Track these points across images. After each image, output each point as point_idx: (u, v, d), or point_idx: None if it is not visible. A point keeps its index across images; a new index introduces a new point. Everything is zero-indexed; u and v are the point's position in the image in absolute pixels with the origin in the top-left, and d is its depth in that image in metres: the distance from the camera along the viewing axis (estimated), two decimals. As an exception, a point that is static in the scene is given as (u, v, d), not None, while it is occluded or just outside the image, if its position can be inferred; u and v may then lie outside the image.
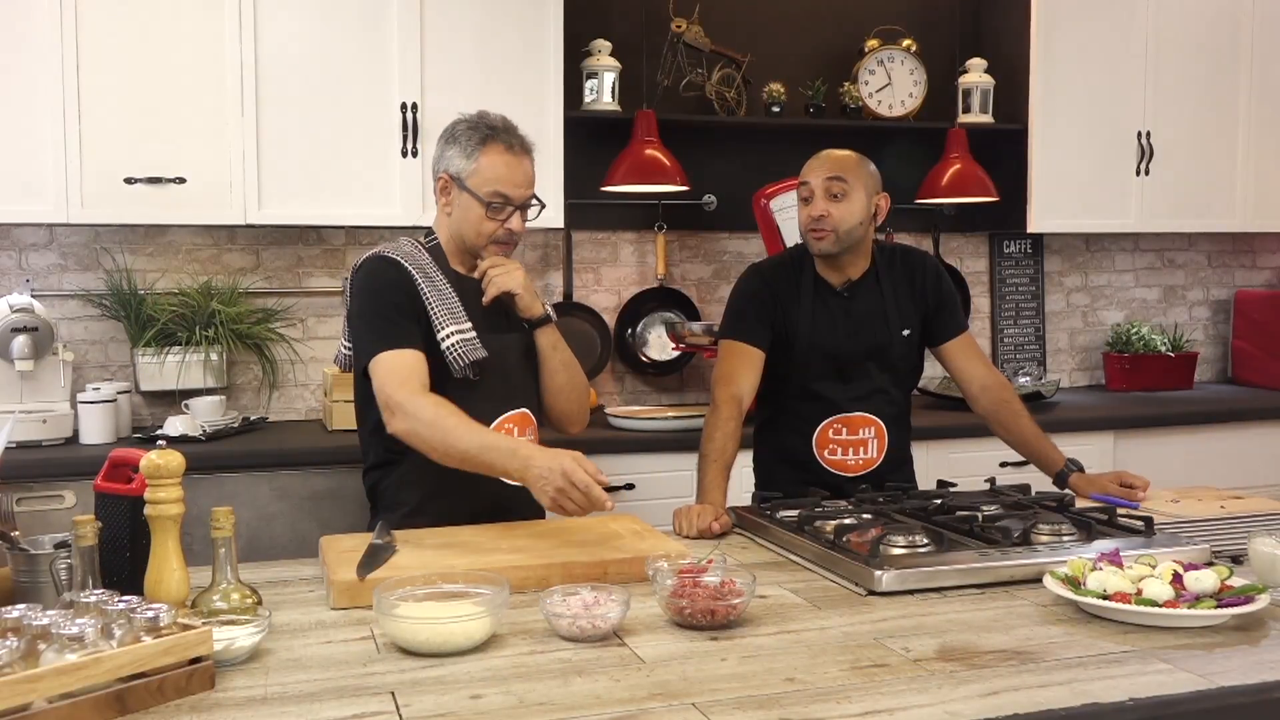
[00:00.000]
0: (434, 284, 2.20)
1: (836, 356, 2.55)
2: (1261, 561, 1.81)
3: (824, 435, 2.56)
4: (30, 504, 2.87)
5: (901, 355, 2.59)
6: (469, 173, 2.22)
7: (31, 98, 3.09)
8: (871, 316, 2.57)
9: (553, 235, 3.89)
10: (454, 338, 2.16)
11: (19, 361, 3.09)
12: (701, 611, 1.62)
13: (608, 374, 3.97)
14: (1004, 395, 2.61)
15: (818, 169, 2.51)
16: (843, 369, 2.56)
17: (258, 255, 3.65)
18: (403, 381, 2.08)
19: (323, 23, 3.30)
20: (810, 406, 2.57)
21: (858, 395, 2.56)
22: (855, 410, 2.55)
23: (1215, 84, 4.17)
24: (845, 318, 2.56)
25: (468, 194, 2.22)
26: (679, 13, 3.87)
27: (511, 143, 2.23)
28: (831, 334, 2.55)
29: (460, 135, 2.24)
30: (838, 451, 2.56)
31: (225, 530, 1.64)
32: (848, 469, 2.56)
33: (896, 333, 2.57)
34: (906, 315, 2.58)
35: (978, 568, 1.84)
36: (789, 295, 2.57)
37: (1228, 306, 4.71)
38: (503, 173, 2.20)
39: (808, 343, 2.55)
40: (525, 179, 2.24)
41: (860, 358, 2.56)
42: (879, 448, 2.57)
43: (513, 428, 2.26)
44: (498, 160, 2.21)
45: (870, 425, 2.56)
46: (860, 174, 2.50)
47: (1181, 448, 3.81)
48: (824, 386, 2.56)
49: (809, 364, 2.55)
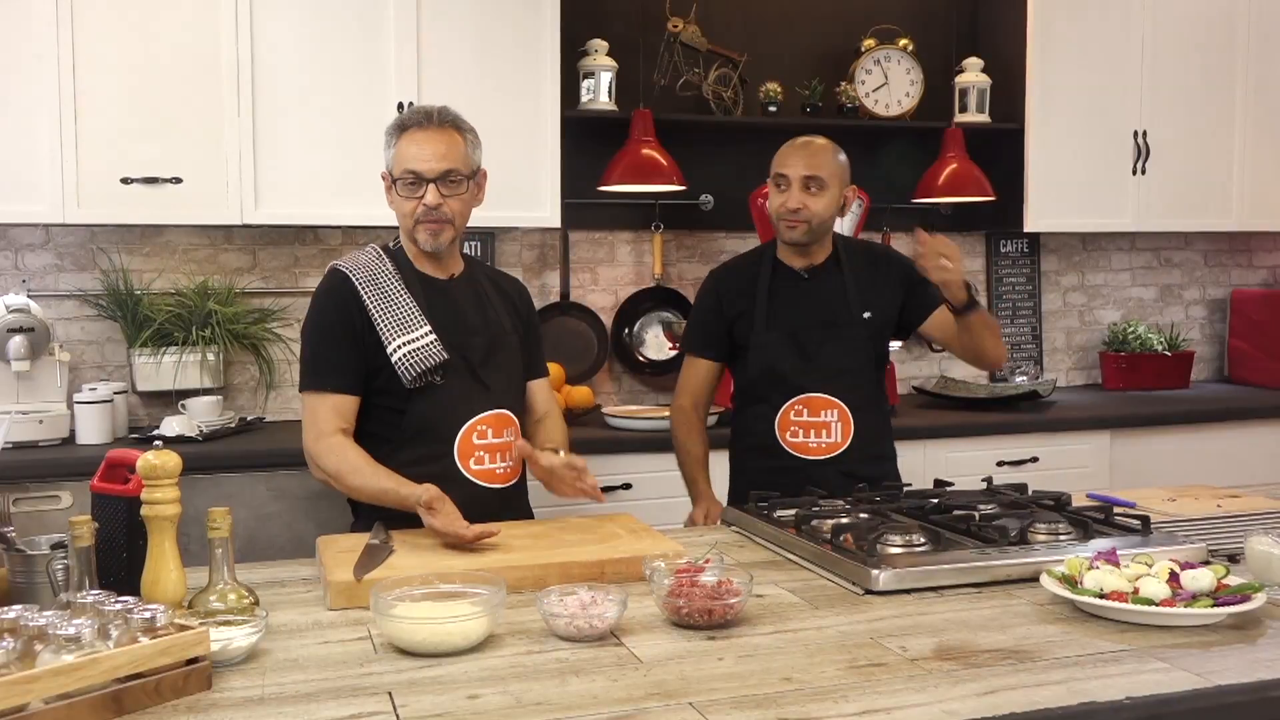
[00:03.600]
0: (385, 295, 2.20)
1: (795, 334, 2.61)
2: (1258, 560, 1.81)
3: (785, 417, 2.59)
4: (27, 504, 2.87)
5: (863, 338, 2.61)
6: (391, 163, 2.24)
7: (28, 98, 3.08)
8: (831, 296, 2.62)
9: (549, 235, 3.88)
10: (402, 350, 2.16)
11: (15, 362, 3.08)
12: (699, 611, 1.62)
13: (605, 374, 3.97)
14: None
15: (795, 163, 2.57)
16: (803, 347, 2.60)
17: (254, 255, 3.65)
18: (319, 433, 2.19)
19: (319, 22, 3.30)
20: (773, 388, 2.61)
21: (819, 375, 2.58)
22: (816, 391, 2.58)
23: (1212, 83, 4.17)
24: (804, 298, 2.63)
25: (393, 184, 2.23)
26: (675, 12, 3.87)
27: (422, 122, 2.21)
28: (791, 312, 2.62)
29: (386, 132, 2.26)
30: (799, 434, 2.59)
31: (222, 530, 1.64)
32: (809, 451, 2.58)
33: (857, 314, 2.61)
34: (868, 300, 2.62)
35: (975, 567, 1.84)
36: (744, 289, 2.67)
37: (1224, 306, 4.71)
38: (412, 150, 2.19)
39: (766, 323, 2.61)
40: (435, 152, 2.18)
41: (819, 335, 2.60)
42: (843, 432, 2.57)
43: (486, 429, 2.23)
44: (407, 141, 2.20)
45: (833, 408, 2.57)
46: (834, 168, 2.57)
47: (1178, 447, 3.81)
48: (785, 365, 2.60)
49: (767, 344, 2.61)
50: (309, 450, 2.20)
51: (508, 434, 2.27)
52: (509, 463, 2.27)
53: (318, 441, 2.18)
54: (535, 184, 3.50)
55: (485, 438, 2.23)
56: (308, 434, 2.20)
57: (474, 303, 2.31)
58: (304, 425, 2.22)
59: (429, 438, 2.20)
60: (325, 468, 2.17)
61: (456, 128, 2.23)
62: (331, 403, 2.19)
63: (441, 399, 2.20)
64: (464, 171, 2.21)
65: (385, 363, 2.17)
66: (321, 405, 2.19)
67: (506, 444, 2.26)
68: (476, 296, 2.32)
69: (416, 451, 2.19)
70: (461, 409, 2.21)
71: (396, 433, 2.21)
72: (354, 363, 2.20)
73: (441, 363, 2.18)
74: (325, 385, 2.20)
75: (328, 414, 2.19)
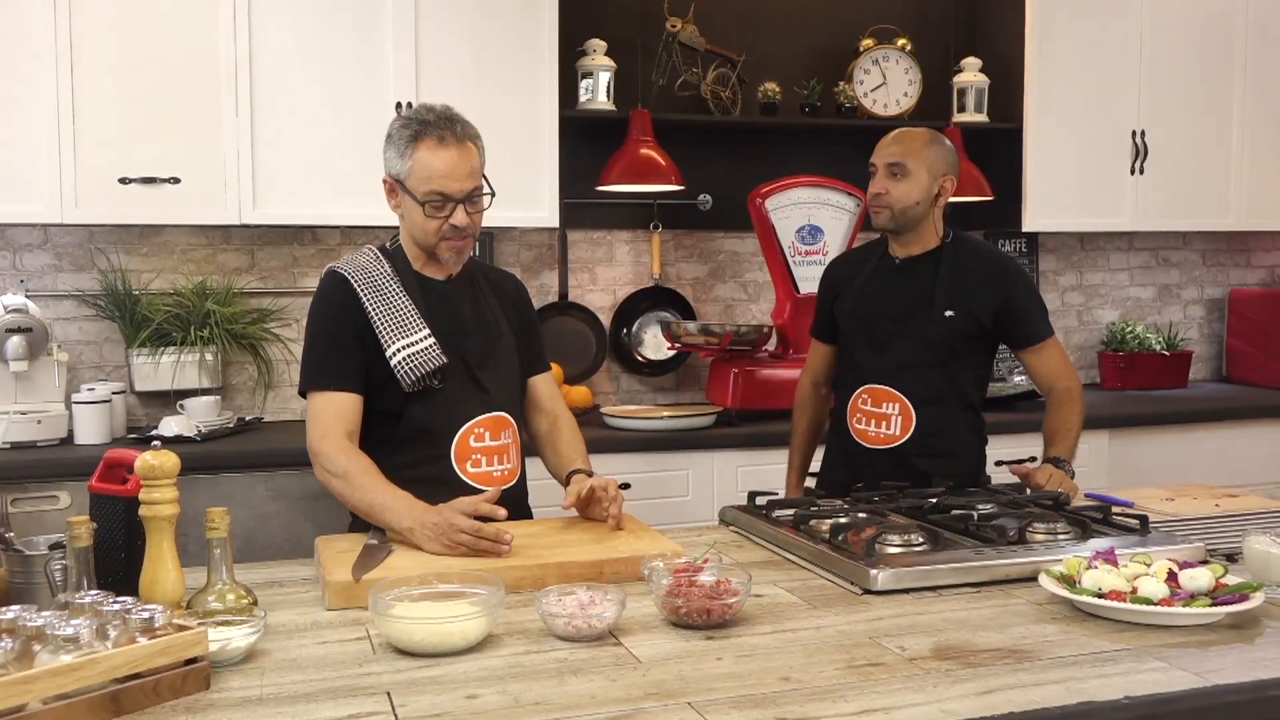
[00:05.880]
0: (384, 298, 2.18)
1: (870, 324, 2.64)
2: (1256, 559, 1.81)
3: (855, 404, 2.65)
4: (25, 505, 2.87)
5: (940, 335, 2.56)
6: (406, 173, 2.15)
7: (26, 98, 3.08)
8: (919, 289, 2.60)
9: (548, 235, 3.88)
10: (402, 354, 2.15)
11: (14, 362, 3.08)
12: (697, 611, 1.62)
13: (603, 374, 3.97)
14: (1057, 395, 2.60)
15: (883, 150, 2.61)
16: (875, 337, 2.62)
17: (252, 255, 3.64)
18: (324, 433, 2.14)
19: (317, 22, 3.30)
20: (849, 374, 2.69)
21: (886, 368, 2.60)
22: (881, 383, 2.60)
23: (1210, 83, 4.17)
24: (892, 289, 2.64)
25: (409, 196, 2.17)
26: (674, 12, 3.87)
27: (444, 135, 2.12)
28: (875, 303, 2.65)
29: (394, 134, 2.18)
30: (863, 421, 2.63)
31: (220, 531, 1.64)
32: (869, 439, 2.62)
33: (938, 311, 2.56)
34: (956, 298, 2.56)
35: (973, 566, 1.84)
36: (850, 275, 2.74)
37: (1222, 305, 4.72)
38: (437, 168, 2.12)
39: (851, 310, 2.68)
40: (462, 171, 2.13)
41: (892, 329, 2.60)
42: (903, 426, 2.57)
43: (484, 432, 2.22)
44: (429, 156, 2.12)
45: (894, 401, 2.58)
46: (923, 155, 2.57)
47: (1176, 446, 3.82)
48: (859, 354, 2.66)
49: (850, 330, 2.69)
50: (314, 449, 2.15)
51: (505, 436, 2.26)
52: (507, 465, 2.26)
53: (323, 441, 2.14)
54: (534, 184, 3.50)
55: (483, 440, 2.22)
56: (312, 433, 2.16)
57: (472, 304, 2.30)
58: (308, 425, 2.19)
59: (426, 441, 2.19)
60: (332, 470, 2.12)
61: (474, 140, 2.18)
62: (336, 401, 2.17)
63: (439, 402, 2.19)
64: (484, 188, 2.20)
65: (384, 366, 2.17)
66: (326, 404, 2.17)
67: (504, 446, 2.25)
68: (474, 297, 2.31)
69: (413, 455, 2.18)
70: (459, 412, 2.21)
71: (393, 436, 2.19)
72: (356, 362, 2.18)
73: (440, 366, 2.17)
74: (329, 384, 2.17)
75: (333, 414, 2.16)
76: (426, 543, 1.95)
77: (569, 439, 2.38)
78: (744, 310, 4.14)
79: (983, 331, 2.59)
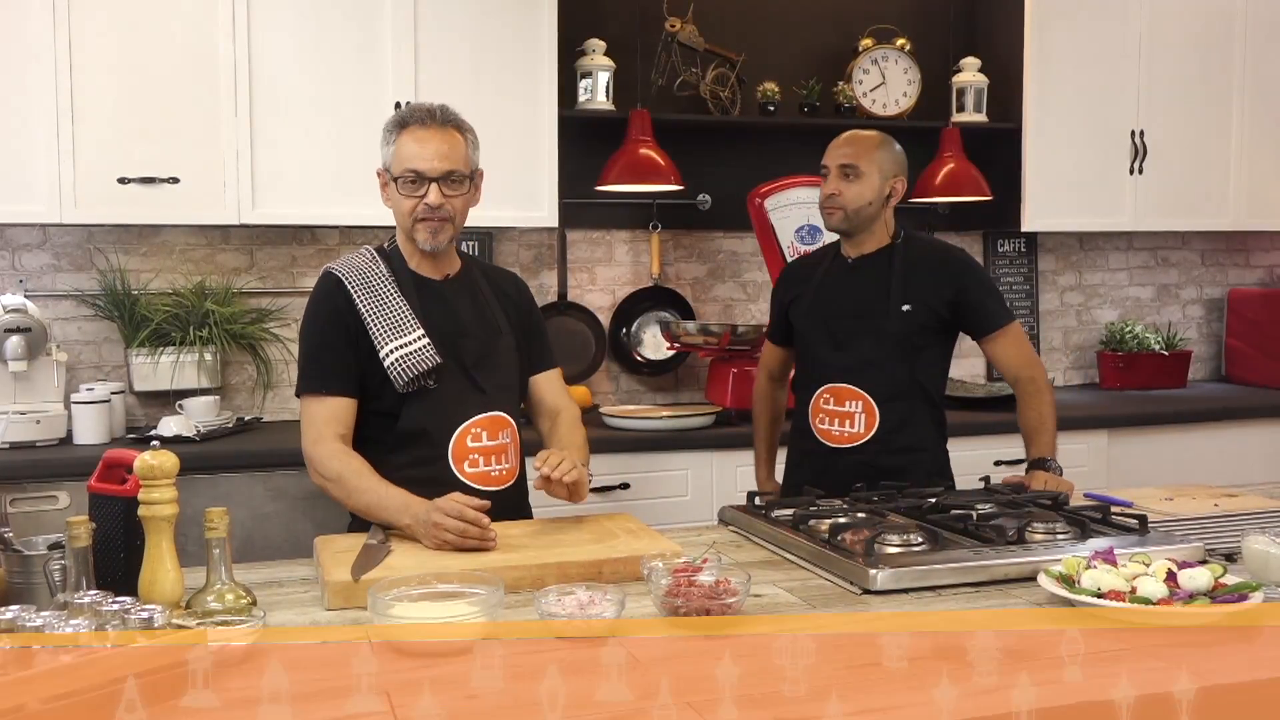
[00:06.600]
0: (378, 298, 2.19)
1: (828, 322, 2.65)
2: (1255, 559, 1.81)
3: (817, 404, 2.66)
4: (24, 505, 2.87)
5: (900, 330, 2.58)
6: (390, 161, 2.21)
7: (25, 98, 3.08)
8: (874, 287, 2.63)
9: (547, 235, 3.88)
10: (395, 354, 2.15)
11: (13, 362, 3.08)
12: (696, 610, 1.62)
13: (602, 374, 3.97)
14: (1023, 387, 2.62)
15: (835, 151, 2.65)
16: (835, 335, 2.64)
17: (251, 255, 3.64)
18: (317, 438, 2.17)
19: (316, 22, 3.30)
20: (810, 373, 2.70)
21: (848, 366, 2.61)
22: (843, 381, 2.61)
23: (1209, 82, 4.17)
24: (847, 288, 2.66)
25: (392, 182, 2.21)
26: (673, 12, 3.87)
27: (425, 120, 2.19)
28: (831, 302, 2.67)
29: (384, 129, 2.24)
30: (826, 421, 2.65)
31: (219, 531, 1.64)
32: (833, 439, 2.63)
33: (896, 306, 2.59)
34: (912, 293, 2.59)
35: (972, 566, 1.84)
36: (804, 277, 2.77)
37: (1221, 305, 4.72)
38: (413, 149, 2.17)
39: (808, 309, 2.69)
40: (438, 152, 2.17)
41: (852, 325, 2.62)
42: (866, 424, 2.59)
43: (481, 432, 2.22)
44: (408, 139, 2.18)
45: (857, 399, 2.59)
46: (875, 157, 2.60)
47: (1175, 446, 3.82)
48: (820, 353, 2.67)
49: (808, 330, 2.70)
50: (308, 454, 2.18)
51: (503, 436, 2.25)
52: (505, 465, 2.25)
53: (316, 445, 2.16)
54: (533, 184, 3.50)
55: (480, 440, 2.21)
56: (306, 438, 2.19)
57: (470, 303, 2.30)
58: (302, 430, 2.20)
59: (423, 442, 2.19)
60: (326, 473, 2.14)
61: (458, 128, 2.22)
62: (329, 406, 2.18)
63: (435, 403, 2.19)
64: (465, 172, 2.20)
65: (378, 366, 2.17)
66: (319, 409, 2.18)
67: (502, 446, 2.25)
68: (472, 297, 2.31)
69: (410, 455, 2.18)
70: (455, 412, 2.20)
71: (390, 437, 2.20)
72: (350, 365, 2.19)
73: (434, 366, 2.17)
74: (322, 388, 2.19)
75: (325, 418, 2.18)
76: (421, 535, 1.98)
77: (564, 432, 2.36)
78: (743, 310, 4.14)
79: (941, 324, 2.62)
